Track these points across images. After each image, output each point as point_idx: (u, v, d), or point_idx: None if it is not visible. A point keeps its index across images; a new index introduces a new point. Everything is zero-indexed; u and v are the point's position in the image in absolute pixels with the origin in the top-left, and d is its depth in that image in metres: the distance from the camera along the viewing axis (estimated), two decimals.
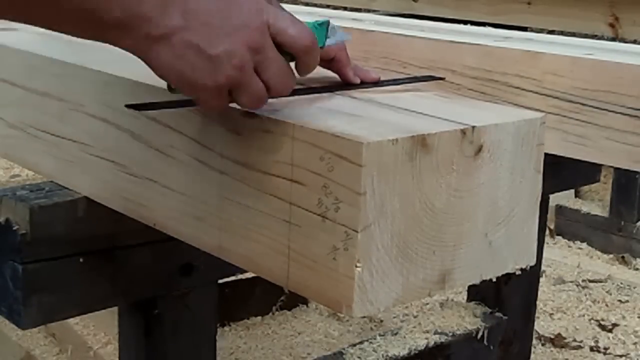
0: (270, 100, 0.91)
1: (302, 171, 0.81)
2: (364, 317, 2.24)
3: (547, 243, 3.16)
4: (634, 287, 2.93)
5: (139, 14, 0.76)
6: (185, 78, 0.79)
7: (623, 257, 3.17)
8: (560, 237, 3.36)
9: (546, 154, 0.92)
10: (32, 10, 0.76)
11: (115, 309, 1.28)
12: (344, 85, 1.02)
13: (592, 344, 2.54)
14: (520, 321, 1.76)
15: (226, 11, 0.78)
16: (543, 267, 2.80)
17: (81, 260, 1.12)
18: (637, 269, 3.12)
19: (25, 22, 0.78)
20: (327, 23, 0.92)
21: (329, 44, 0.93)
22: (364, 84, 1.03)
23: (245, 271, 0.98)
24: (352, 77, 1.03)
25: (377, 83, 1.04)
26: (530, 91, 1.27)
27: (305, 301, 2.56)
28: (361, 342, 1.57)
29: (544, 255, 1.87)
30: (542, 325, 2.61)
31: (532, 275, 1.77)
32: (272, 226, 0.84)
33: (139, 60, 0.83)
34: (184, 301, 1.24)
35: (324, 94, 0.97)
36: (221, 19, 0.78)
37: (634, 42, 2.30)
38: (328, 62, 1.03)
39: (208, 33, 0.77)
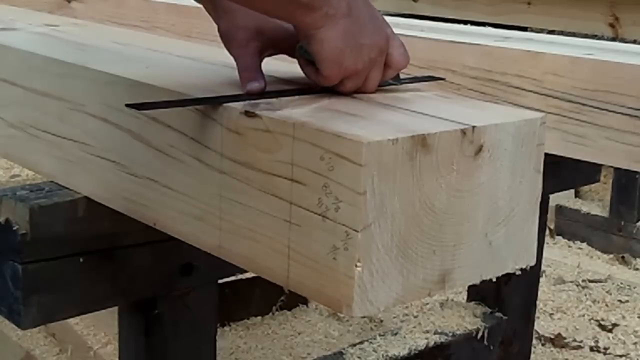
0: (270, 100, 0.92)
1: (302, 171, 0.81)
2: (364, 317, 2.25)
3: (547, 243, 3.16)
4: (634, 287, 2.93)
5: None
6: (337, 55, 0.91)
7: (623, 257, 3.17)
8: (560, 237, 3.36)
9: (546, 154, 0.92)
10: None
11: (115, 309, 1.28)
12: None
13: (592, 344, 2.54)
14: (520, 321, 1.76)
15: (372, 15, 0.96)
16: (543, 267, 2.80)
17: (81, 260, 1.12)
18: (637, 269, 3.12)
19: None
20: None
21: None
22: None
23: (245, 271, 0.98)
24: None
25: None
26: (530, 91, 1.27)
27: (305, 301, 2.56)
28: (361, 342, 1.57)
29: (544, 255, 1.87)
30: (542, 325, 2.61)
31: (532, 275, 1.77)
32: (272, 226, 0.84)
33: (139, 60, 0.83)
34: (184, 301, 1.24)
35: (324, 94, 0.97)
36: (369, 19, 0.95)
37: (634, 42, 2.30)
38: None
39: (361, 26, 0.93)
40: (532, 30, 2.60)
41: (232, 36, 1.00)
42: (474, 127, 0.83)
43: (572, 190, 3.46)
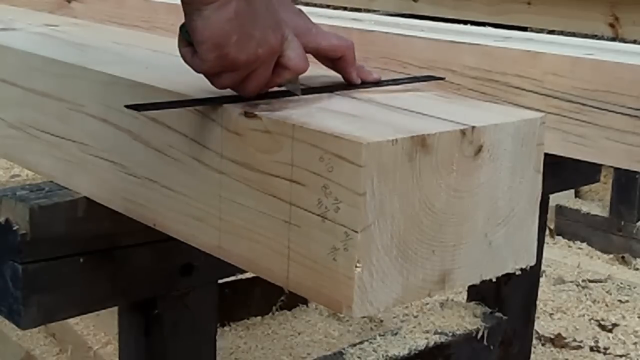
0: (270, 100, 0.92)
1: (302, 171, 0.81)
2: (364, 317, 2.25)
3: (547, 243, 3.16)
4: (634, 287, 2.93)
5: None
6: (220, 37, 0.83)
7: (623, 257, 3.17)
8: (560, 237, 3.35)
9: (546, 154, 0.92)
10: None
11: (115, 309, 1.28)
12: (345, 85, 1.02)
13: (592, 344, 2.54)
14: (520, 321, 1.76)
15: (270, 9, 0.88)
16: (543, 267, 2.80)
17: (81, 260, 1.12)
18: (637, 269, 3.11)
19: None
20: None
21: None
22: (365, 84, 1.03)
23: (245, 271, 0.98)
24: (355, 78, 1.03)
25: (378, 83, 1.04)
26: (530, 91, 1.27)
27: (305, 301, 2.56)
28: (361, 342, 1.57)
29: (544, 255, 1.87)
30: (542, 325, 2.61)
31: (532, 275, 1.77)
32: (271, 226, 0.84)
33: (139, 60, 0.83)
34: (184, 301, 1.24)
35: (324, 94, 0.97)
36: (266, 11, 0.87)
37: (634, 42, 2.30)
38: (333, 61, 1.03)
39: (255, 14, 0.85)
40: (532, 30, 2.60)
41: None
42: (473, 127, 0.83)
43: (572, 190, 3.46)
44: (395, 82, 1.05)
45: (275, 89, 0.97)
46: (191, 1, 0.84)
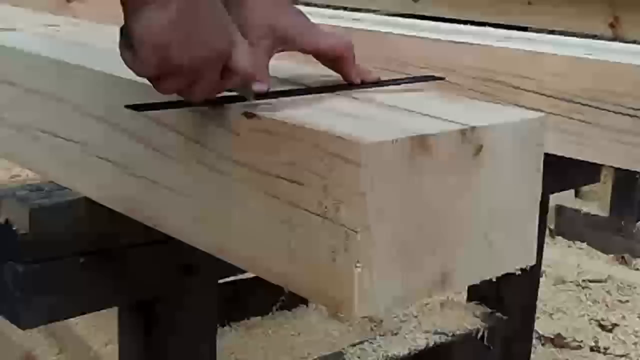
0: (270, 100, 0.91)
1: (302, 171, 0.81)
2: (364, 317, 2.24)
3: (547, 243, 3.16)
4: (634, 287, 2.93)
5: None
6: (161, 39, 0.79)
7: (623, 257, 3.17)
8: (560, 237, 3.35)
9: (546, 154, 0.92)
10: None
11: (115, 309, 1.28)
12: (344, 85, 1.02)
13: (592, 344, 2.54)
14: (520, 321, 1.76)
15: (218, 12, 0.84)
16: (543, 267, 2.79)
17: (81, 260, 1.12)
18: (637, 269, 3.11)
19: None
20: None
21: None
22: (364, 84, 1.03)
23: (245, 271, 0.98)
24: (354, 77, 1.03)
25: (377, 83, 1.04)
26: (530, 91, 1.27)
27: (305, 301, 2.56)
28: (361, 342, 1.57)
29: (544, 255, 1.87)
30: (542, 325, 2.61)
31: (532, 275, 1.77)
32: (272, 226, 0.84)
33: None
34: (184, 301, 1.24)
35: (324, 94, 0.97)
36: (212, 14, 0.82)
37: (634, 42, 2.30)
38: (333, 61, 1.03)
39: (200, 16, 0.81)
40: (532, 30, 2.59)
41: (243, 32, 0.96)
42: (473, 127, 0.83)
43: (572, 190, 3.46)
44: (395, 82, 1.05)
45: (277, 88, 0.97)
46: (129, 0, 0.80)
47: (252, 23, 0.98)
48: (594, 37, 2.33)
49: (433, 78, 1.12)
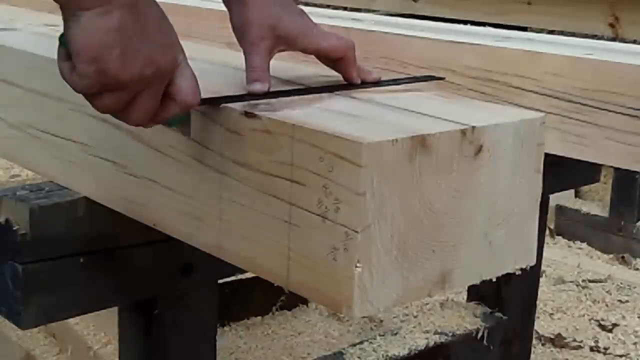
0: (270, 100, 0.91)
1: (302, 171, 0.81)
2: (364, 317, 2.25)
3: (547, 243, 3.16)
4: (634, 287, 2.93)
5: None
6: (99, 49, 0.75)
7: (623, 257, 3.17)
8: (560, 237, 3.35)
9: (546, 154, 0.92)
10: None
11: (115, 309, 1.28)
12: (344, 85, 1.02)
13: (592, 344, 2.54)
14: (520, 321, 1.76)
15: (163, 28, 0.81)
16: (543, 267, 2.80)
17: (81, 260, 1.12)
18: (637, 269, 3.11)
19: None
20: None
21: None
22: (365, 84, 1.03)
23: (245, 271, 0.98)
24: (355, 77, 1.03)
25: (377, 83, 1.04)
26: (530, 91, 1.27)
27: (305, 301, 2.56)
28: (361, 342, 1.57)
29: (544, 255, 1.87)
30: (542, 325, 2.61)
31: (532, 275, 1.77)
32: (272, 226, 0.84)
33: None
34: (184, 301, 1.24)
35: (324, 94, 0.97)
36: (158, 28, 0.80)
37: (634, 42, 2.30)
38: (334, 61, 1.02)
39: (143, 29, 0.77)
40: (532, 30, 2.60)
41: (245, 31, 0.98)
42: (473, 127, 0.83)
43: (572, 190, 3.46)
44: (396, 82, 1.05)
45: (278, 88, 0.97)
46: (67, 5, 0.75)
47: (254, 22, 0.97)
48: (594, 37, 2.33)
49: (433, 78, 1.12)
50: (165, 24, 0.82)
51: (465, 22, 2.18)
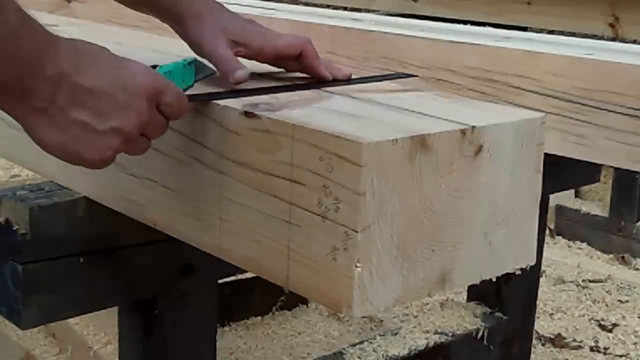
0: (270, 100, 0.92)
1: (302, 171, 0.81)
2: (364, 317, 2.25)
3: (547, 243, 3.16)
4: (634, 287, 2.93)
5: (21, 82, 0.76)
6: (71, 152, 0.80)
7: (623, 257, 3.17)
8: (560, 237, 3.35)
9: (546, 154, 0.92)
10: None
11: (115, 309, 1.28)
12: (315, 83, 1.02)
13: (592, 344, 2.54)
14: (520, 321, 1.76)
15: (117, 87, 0.80)
16: (543, 267, 2.80)
17: (81, 260, 1.12)
18: (637, 269, 3.11)
19: None
20: (195, 61, 0.96)
21: (197, 79, 0.96)
22: (336, 81, 1.02)
23: (245, 271, 0.98)
24: (324, 72, 1.02)
25: (349, 80, 1.03)
26: (530, 91, 1.27)
27: (305, 301, 2.56)
28: (361, 342, 1.57)
29: (544, 255, 1.87)
30: (542, 325, 2.61)
31: (532, 275, 1.77)
32: (272, 226, 0.84)
33: (139, 60, 0.83)
34: (184, 301, 1.24)
35: (324, 94, 0.97)
36: (111, 96, 0.80)
37: (634, 42, 2.30)
38: (297, 60, 1.02)
39: (97, 110, 0.79)
40: (532, 30, 2.59)
41: (200, 37, 1.00)
42: (473, 127, 0.83)
43: (572, 190, 3.46)
44: (368, 79, 1.04)
45: (278, 84, 0.97)
46: (11, 116, 0.80)
47: (210, 30, 1.00)
48: (594, 37, 2.33)
49: (406, 75, 1.12)
50: (115, 75, 0.81)
51: (465, 22, 2.18)
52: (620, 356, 2.49)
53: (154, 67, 0.89)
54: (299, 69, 1.04)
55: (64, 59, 0.78)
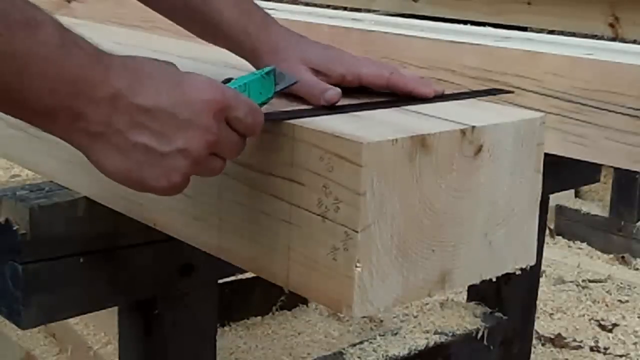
0: (270, 101, 0.91)
1: (302, 171, 0.81)
2: (364, 317, 2.25)
3: (547, 243, 3.16)
4: (634, 287, 2.93)
5: (71, 107, 0.71)
6: (135, 179, 0.75)
7: (623, 257, 3.17)
8: (560, 237, 3.35)
9: (546, 154, 0.92)
10: None
11: (115, 309, 1.28)
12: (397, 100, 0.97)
13: (592, 344, 2.54)
14: (520, 321, 1.76)
15: (178, 105, 0.74)
16: (543, 267, 2.80)
17: (81, 260, 1.12)
18: (637, 269, 3.11)
19: None
20: (273, 70, 0.88)
21: (277, 89, 0.89)
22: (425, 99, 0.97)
23: (245, 271, 0.98)
24: (424, 90, 0.96)
25: (441, 97, 0.98)
26: (530, 91, 1.27)
27: (305, 301, 2.56)
28: (361, 342, 1.57)
29: (544, 255, 1.87)
30: (542, 325, 2.61)
31: (532, 275, 1.77)
32: (272, 226, 0.84)
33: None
34: (184, 301, 1.24)
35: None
36: (173, 115, 0.73)
37: (634, 42, 2.30)
38: (384, 88, 0.98)
39: (158, 131, 0.73)
40: (532, 30, 2.60)
41: (275, 58, 0.96)
42: (473, 127, 0.83)
43: (572, 190, 3.46)
44: (459, 96, 1.01)
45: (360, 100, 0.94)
46: (69, 140, 0.74)
47: (284, 60, 0.95)
48: (594, 37, 2.33)
49: (497, 92, 1.07)
50: (177, 98, 0.74)
51: (465, 22, 2.18)
52: (620, 356, 2.49)
53: (228, 80, 0.83)
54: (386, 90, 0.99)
55: (116, 77, 0.72)
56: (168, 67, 0.77)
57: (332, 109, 0.89)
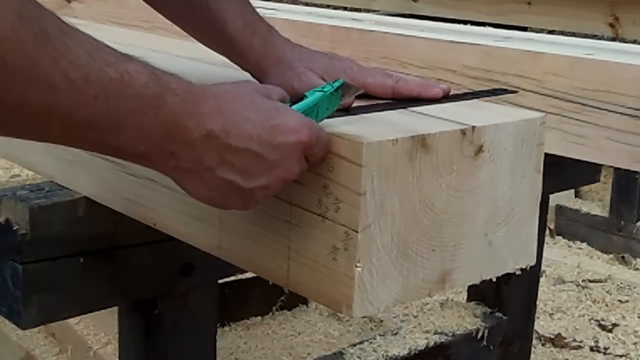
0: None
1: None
2: (364, 317, 2.25)
3: (547, 243, 3.16)
4: (634, 287, 2.93)
5: (164, 149, 0.72)
6: (216, 203, 0.79)
7: (623, 257, 3.17)
8: (560, 237, 3.35)
9: (546, 154, 0.92)
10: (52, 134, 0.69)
11: (115, 309, 1.28)
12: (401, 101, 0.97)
13: (592, 344, 2.54)
14: (520, 321, 1.76)
15: (268, 147, 0.75)
16: (543, 267, 2.80)
17: (81, 260, 1.12)
18: (637, 269, 3.11)
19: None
20: (342, 85, 0.87)
21: (343, 102, 0.88)
22: (430, 100, 0.98)
23: (245, 271, 0.98)
24: (434, 92, 0.97)
25: (446, 98, 0.99)
26: (530, 91, 1.26)
27: (305, 301, 2.56)
28: (361, 342, 1.57)
29: (544, 255, 1.87)
30: (542, 325, 2.61)
31: (532, 275, 1.77)
32: (272, 226, 0.84)
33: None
34: (184, 301, 1.24)
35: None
36: (262, 156, 0.75)
37: (634, 42, 2.30)
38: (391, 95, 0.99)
39: (245, 170, 0.75)
40: (532, 30, 2.60)
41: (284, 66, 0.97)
42: (473, 127, 0.83)
43: (572, 190, 3.46)
44: (464, 97, 1.01)
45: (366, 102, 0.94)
46: (159, 171, 0.76)
47: (288, 61, 0.97)
48: (594, 37, 2.33)
49: (503, 92, 1.08)
50: (262, 143, 0.76)
51: (465, 22, 2.18)
52: (620, 356, 2.49)
53: (301, 98, 0.83)
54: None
55: (208, 116, 0.73)
56: (255, 97, 0.78)
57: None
